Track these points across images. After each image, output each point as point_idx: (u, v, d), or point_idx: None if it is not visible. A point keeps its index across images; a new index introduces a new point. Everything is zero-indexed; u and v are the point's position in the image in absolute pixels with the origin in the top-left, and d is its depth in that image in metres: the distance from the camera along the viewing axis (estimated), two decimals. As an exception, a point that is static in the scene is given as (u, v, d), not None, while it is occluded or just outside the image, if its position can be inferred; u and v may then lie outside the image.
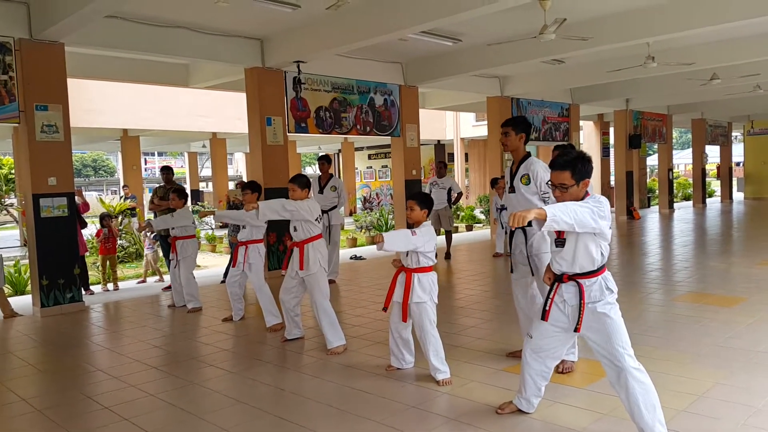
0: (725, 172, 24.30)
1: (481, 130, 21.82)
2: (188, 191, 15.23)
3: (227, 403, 4.08)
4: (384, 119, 11.12)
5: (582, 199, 3.15)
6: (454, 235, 11.38)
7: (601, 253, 3.15)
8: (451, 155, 25.78)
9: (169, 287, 7.92)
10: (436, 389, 4.12)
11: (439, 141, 25.87)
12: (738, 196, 25.31)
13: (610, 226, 3.15)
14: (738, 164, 28.82)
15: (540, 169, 4.31)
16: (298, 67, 9.11)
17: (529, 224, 3.50)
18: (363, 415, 3.73)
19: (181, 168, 36.07)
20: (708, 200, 23.32)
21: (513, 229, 4.29)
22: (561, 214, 2.90)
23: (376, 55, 10.43)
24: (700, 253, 10.37)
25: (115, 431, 3.69)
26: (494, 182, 10.42)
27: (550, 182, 3.23)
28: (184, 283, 6.97)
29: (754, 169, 24.36)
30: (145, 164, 40.37)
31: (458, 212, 18.41)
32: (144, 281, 9.87)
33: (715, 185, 27.07)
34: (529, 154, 4.49)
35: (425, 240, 4.15)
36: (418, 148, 11.83)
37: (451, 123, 24.83)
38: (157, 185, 8.80)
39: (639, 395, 3.06)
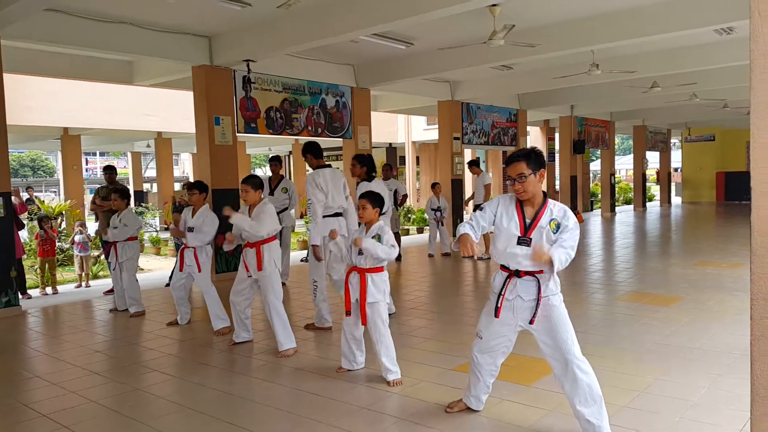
0: (664, 177, 25.29)
1: (432, 134, 22.03)
2: (131, 192, 14.79)
3: (173, 408, 3.98)
4: (336, 121, 11.10)
5: (542, 194, 3.25)
6: (404, 238, 11.44)
7: None
8: (403, 158, 25.94)
9: (110, 291, 7.68)
10: (387, 390, 4.13)
11: (390, 144, 25.98)
12: (676, 200, 26.38)
13: None
14: (676, 170, 30.02)
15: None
16: (248, 66, 8.98)
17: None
18: (314, 417, 3.70)
19: (124, 168, 35.00)
20: (648, 204, 24.20)
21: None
22: (566, 258, 3.14)
23: (327, 57, 10.41)
24: (641, 254, 10.75)
25: (53, 439, 3.55)
26: (434, 185, 11.17)
27: (508, 177, 3.27)
28: (126, 287, 6.75)
29: (691, 174, 25.45)
30: (87, 164, 39.03)
31: (409, 215, 18.54)
32: (80, 285, 9.52)
33: (654, 190, 28.11)
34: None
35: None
36: (370, 150, 11.85)
37: (403, 126, 24.98)
38: (99, 186, 8.52)
39: (585, 385, 3.15)
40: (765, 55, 1.83)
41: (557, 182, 19.42)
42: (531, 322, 3.23)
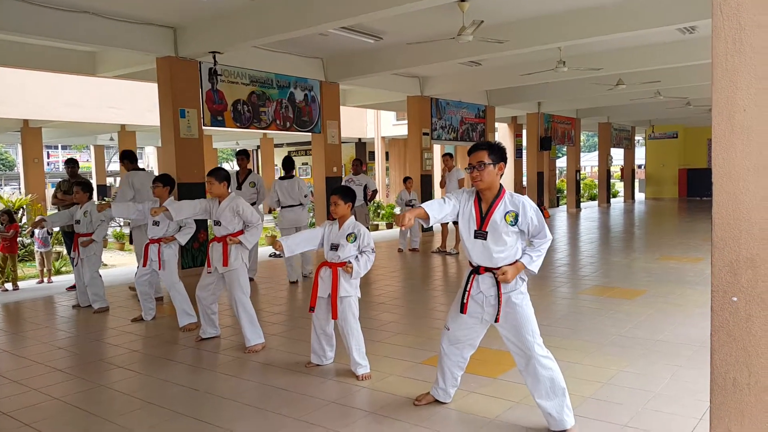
0: (628, 174, 25.80)
1: (402, 129, 22.06)
2: (94, 186, 14.46)
3: (138, 405, 3.91)
4: (304, 115, 11.01)
5: (499, 187, 3.28)
6: (374, 233, 11.44)
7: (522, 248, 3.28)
8: (372, 153, 25.92)
9: (73, 287, 7.50)
10: (356, 384, 4.13)
11: (360, 139, 25.95)
12: (639, 196, 26.95)
13: None
14: (640, 166, 30.66)
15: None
16: (214, 57, 8.84)
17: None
18: (282, 412, 3.67)
19: (87, 162, 34.17)
20: (612, 200, 24.67)
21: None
22: (541, 256, 3.27)
23: (296, 50, 10.32)
24: (605, 249, 10.95)
25: (12, 439, 3.45)
26: (406, 179, 11.21)
27: (468, 165, 3.29)
28: (89, 283, 6.60)
29: (654, 171, 26.02)
30: (48, 158, 38.02)
31: (379, 210, 18.55)
32: (42, 281, 9.26)
33: (618, 186, 28.67)
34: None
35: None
36: (339, 145, 11.81)
37: (372, 121, 24.96)
38: (61, 179, 8.30)
39: (546, 380, 3.20)
40: (727, 52, 1.87)
41: (524, 178, 19.66)
42: (496, 320, 3.26)
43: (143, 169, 7.87)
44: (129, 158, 7.45)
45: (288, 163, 8.35)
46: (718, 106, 1.91)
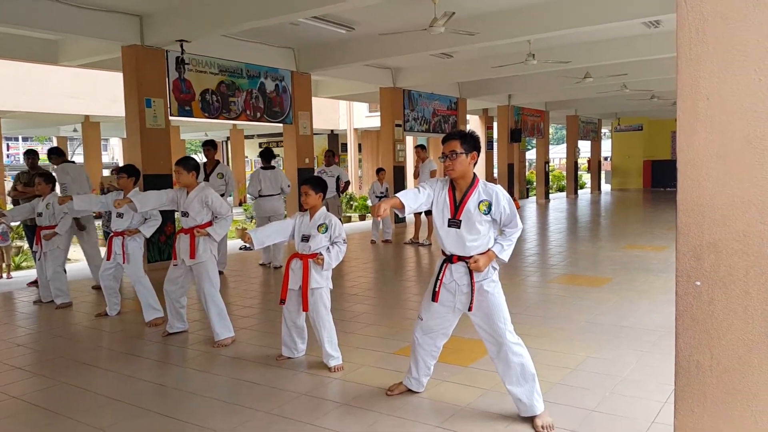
0: (595, 166, 26.20)
1: (374, 121, 22.02)
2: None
3: (102, 402, 3.83)
4: (275, 106, 10.90)
5: (472, 176, 3.29)
6: (347, 225, 11.42)
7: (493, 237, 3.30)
8: (345, 145, 25.83)
9: (34, 282, 7.30)
10: (328, 375, 4.12)
11: (332, 131, 25.82)
12: (606, 187, 27.40)
13: None
14: (606, 158, 31.15)
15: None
16: (182, 46, 8.65)
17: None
18: (253, 406, 3.64)
19: (50, 154, 33.30)
20: (580, 191, 25.04)
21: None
22: (512, 245, 3.31)
23: (266, 39, 10.19)
24: (573, 239, 11.13)
25: (-27, 437, 3.36)
26: (378, 171, 11.30)
27: (441, 154, 3.30)
28: (51, 277, 6.41)
29: (620, 162, 26.49)
30: (8, 150, 36.97)
31: (351, 202, 18.51)
32: (1, 277, 8.99)
33: (586, 178, 29.10)
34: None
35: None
36: (311, 136, 11.72)
37: (345, 113, 24.85)
38: (20, 171, 8.07)
39: (517, 366, 3.24)
40: (690, 42, 1.90)
41: (495, 170, 19.82)
42: (469, 309, 3.28)
43: (73, 162, 8.27)
44: (56, 153, 7.79)
45: (268, 154, 8.59)
46: (683, 95, 1.94)
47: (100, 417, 3.58)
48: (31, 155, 7.95)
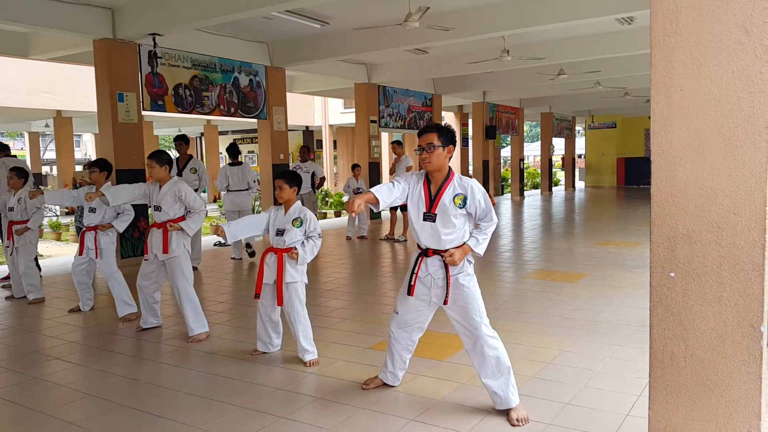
0: (569, 163, 26.50)
1: (350, 118, 21.96)
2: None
3: (75, 396, 3.76)
4: (249, 101, 10.80)
5: (448, 169, 3.29)
6: (322, 221, 11.37)
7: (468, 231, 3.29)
8: (320, 142, 25.73)
9: (7, 278, 7.15)
10: (304, 370, 4.09)
11: (307, 127, 25.69)
12: (580, 184, 27.75)
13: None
14: (580, 156, 31.55)
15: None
16: (154, 40, 8.52)
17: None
18: (227, 400, 3.60)
19: (21, 150, 32.59)
20: (554, 188, 25.30)
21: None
22: (487, 237, 3.29)
23: (240, 33, 10.08)
24: (547, 235, 11.23)
25: (-63, 437, 3.26)
26: (354, 167, 11.26)
27: (418, 147, 3.29)
28: (23, 273, 6.31)
29: (593, 160, 26.81)
30: (-23, 145, 36.00)
31: (327, 198, 18.44)
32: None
33: (560, 175, 29.41)
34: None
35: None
36: (285, 131, 11.64)
37: (320, 109, 24.75)
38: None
39: (493, 359, 3.24)
40: (664, 33, 1.92)
41: (470, 167, 19.92)
42: (445, 303, 3.28)
43: (15, 156, 8.15)
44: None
45: (233, 150, 8.86)
46: (656, 86, 1.96)
47: (73, 412, 3.51)
48: (2, 149, 7.77)
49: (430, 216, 3.25)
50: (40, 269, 6.80)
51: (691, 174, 1.89)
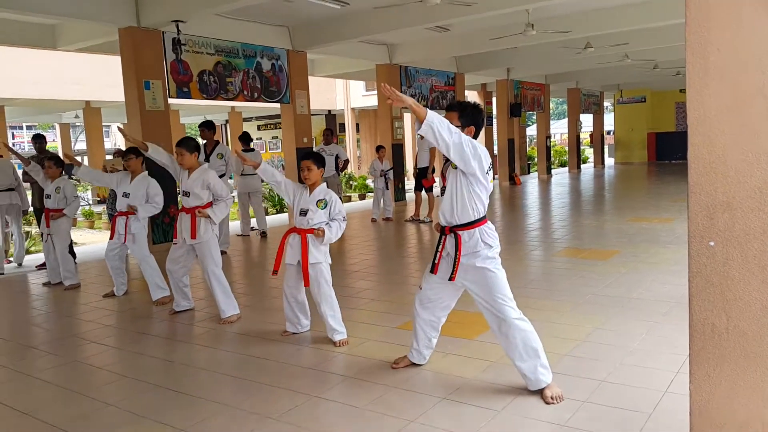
0: (598, 139, 26.01)
1: (372, 100, 21.86)
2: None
3: (112, 378, 3.84)
4: (272, 85, 10.79)
5: None
6: (347, 204, 11.38)
7: (481, 204, 3.23)
8: (342, 125, 25.68)
9: (43, 265, 7.32)
10: (333, 350, 4.11)
11: (329, 111, 25.65)
12: (609, 161, 27.25)
13: (490, 180, 3.23)
14: (609, 132, 30.94)
15: None
16: (177, 27, 8.55)
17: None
18: (259, 380, 3.64)
19: (53, 142, 33.24)
20: (582, 166, 24.90)
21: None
22: (440, 123, 2.90)
23: (261, 18, 10.05)
24: (576, 213, 11.06)
25: (-19, 418, 3.36)
26: (378, 148, 11.25)
27: None
28: (60, 259, 6.47)
29: (623, 135, 26.29)
30: (13, 138, 36.85)
31: (351, 182, 18.45)
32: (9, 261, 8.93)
33: (588, 152, 28.93)
34: None
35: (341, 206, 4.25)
36: (308, 115, 11.62)
37: (342, 93, 24.67)
38: (29, 156, 8.04)
39: (519, 341, 3.20)
40: (701, -8, 1.83)
41: (495, 146, 19.69)
42: (451, 279, 3.25)
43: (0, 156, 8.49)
44: None
45: (246, 137, 9.51)
46: (692, 48, 1.88)
47: (111, 393, 3.59)
48: (38, 140, 8.04)
49: (444, 189, 3.29)
50: (74, 256, 6.95)
51: (730, 138, 1.81)
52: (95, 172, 6.27)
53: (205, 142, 8.40)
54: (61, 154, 6.48)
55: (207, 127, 8.38)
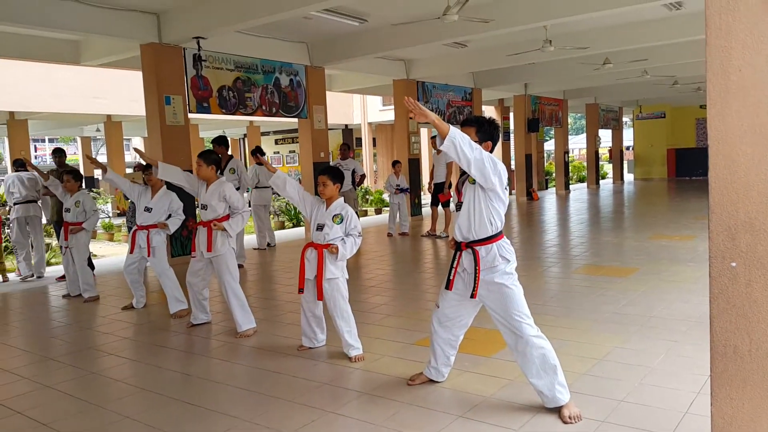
0: (617, 155, 25.82)
1: (388, 115, 21.94)
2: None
3: (130, 391, 3.87)
4: (290, 100, 10.90)
5: None
6: (363, 218, 11.41)
7: (498, 219, 3.22)
8: (359, 140, 25.80)
9: (62, 277, 7.43)
10: (349, 366, 4.10)
11: (346, 125, 25.78)
12: (628, 177, 27.01)
13: (507, 197, 3.23)
14: (628, 147, 30.70)
15: None
16: (198, 43, 8.70)
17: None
18: (275, 395, 3.64)
19: (74, 155, 33.78)
20: (601, 182, 24.71)
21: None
22: (462, 139, 2.93)
23: (280, 34, 10.18)
24: (595, 229, 10.97)
25: (9, 426, 3.39)
26: (395, 163, 11.24)
27: None
28: (79, 272, 6.56)
29: (642, 151, 26.05)
30: (35, 151, 37.51)
31: (367, 196, 18.49)
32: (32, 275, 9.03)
33: (607, 168, 28.70)
34: None
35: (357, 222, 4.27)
36: (326, 130, 11.70)
37: (359, 107, 24.80)
38: (49, 170, 8.18)
39: (536, 359, 3.17)
40: (720, 11, 1.83)
41: (512, 161, 19.63)
42: (473, 296, 3.24)
43: None
44: None
45: (259, 152, 9.43)
46: (713, 68, 1.87)
47: (129, 406, 3.62)
48: (58, 154, 8.18)
49: (461, 205, 3.28)
50: (93, 268, 7.04)
51: (752, 159, 1.80)
52: (122, 178, 6.30)
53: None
54: (81, 161, 6.59)
55: (219, 142, 8.49)
